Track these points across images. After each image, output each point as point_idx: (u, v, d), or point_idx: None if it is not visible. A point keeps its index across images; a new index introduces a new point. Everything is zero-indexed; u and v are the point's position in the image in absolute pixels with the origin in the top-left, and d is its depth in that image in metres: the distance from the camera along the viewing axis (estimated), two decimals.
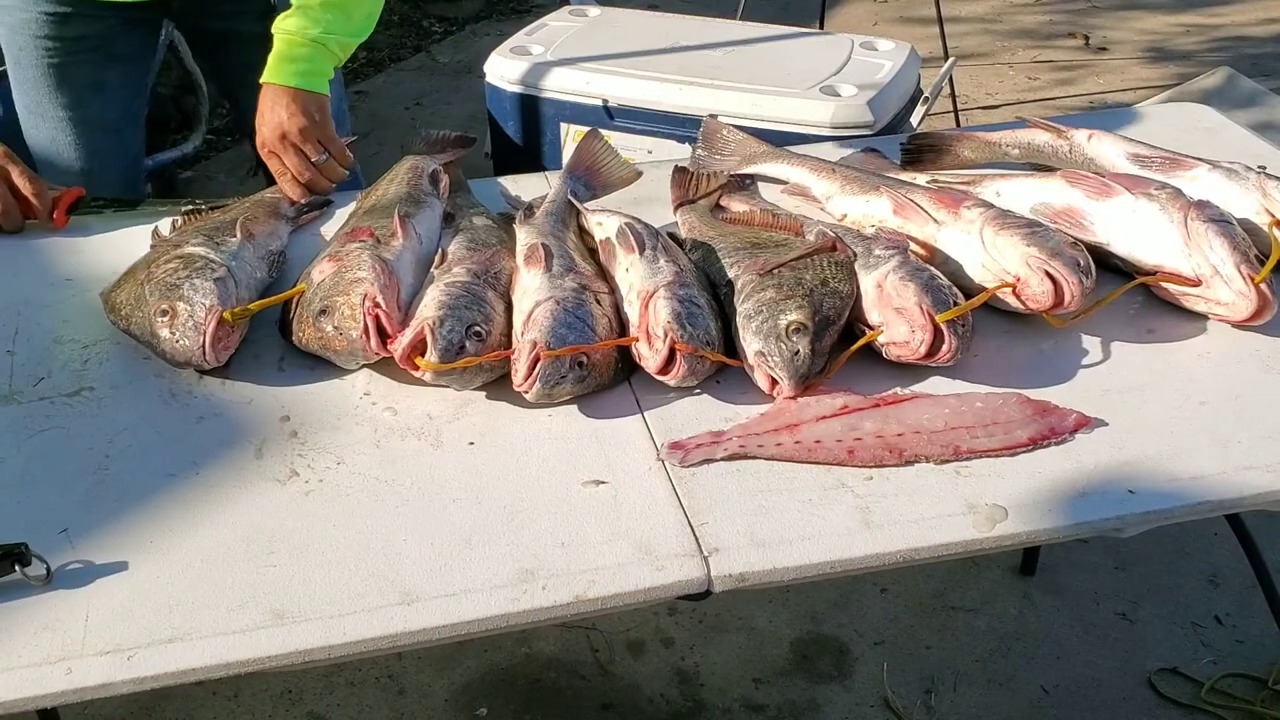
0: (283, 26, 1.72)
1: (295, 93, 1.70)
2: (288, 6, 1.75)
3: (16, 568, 1.08)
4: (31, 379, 1.38)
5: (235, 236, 1.49)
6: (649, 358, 1.30)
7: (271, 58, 1.72)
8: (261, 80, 1.73)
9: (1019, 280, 1.37)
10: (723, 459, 1.24)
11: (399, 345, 1.28)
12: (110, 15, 1.89)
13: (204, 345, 1.32)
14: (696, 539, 1.14)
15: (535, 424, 1.29)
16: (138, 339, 1.39)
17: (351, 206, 1.66)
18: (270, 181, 1.77)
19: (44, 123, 1.94)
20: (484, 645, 2.18)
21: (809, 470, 1.22)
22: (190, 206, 1.67)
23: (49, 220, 1.68)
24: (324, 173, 1.73)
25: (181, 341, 1.34)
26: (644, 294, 1.34)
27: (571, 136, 2.74)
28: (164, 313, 1.35)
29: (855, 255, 1.42)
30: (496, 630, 1.08)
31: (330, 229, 1.66)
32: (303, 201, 1.71)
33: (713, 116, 1.85)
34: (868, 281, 1.37)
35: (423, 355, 1.27)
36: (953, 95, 3.91)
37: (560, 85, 2.73)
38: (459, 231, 1.52)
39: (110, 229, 1.70)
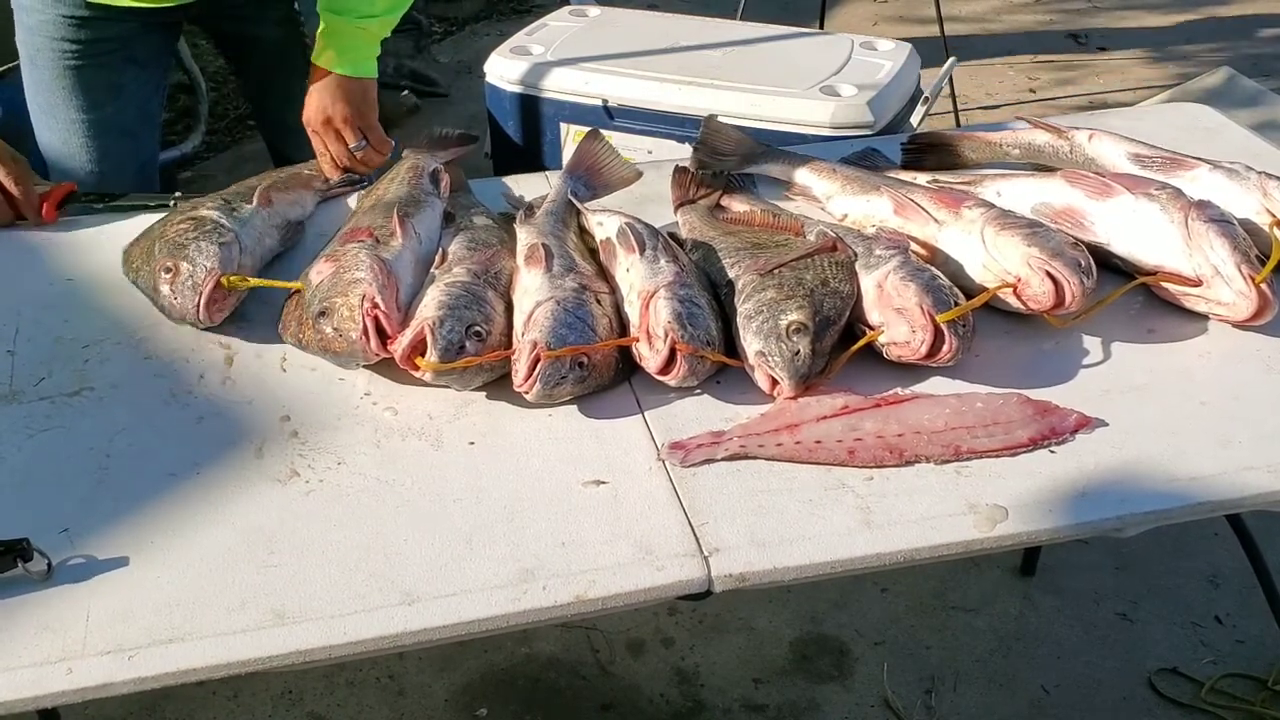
0: (327, 6, 1.72)
1: (341, 79, 1.74)
2: (311, 12, 1.76)
3: (19, 563, 1.08)
4: (32, 378, 1.38)
5: (251, 204, 1.55)
6: (649, 358, 1.30)
7: (318, 38, 1.74)
8: (312, 59, 1.76)
9: (1020, 280, 1.37)
10: (723, 459, 1.24)
11: (399, 346, 1.28)
12: (130, 19, 1.89)
13: (199, 305, 1.39)
14: (697, 539, 1.14)
15: (536, 424, 1.29)
16: (143, 292, 1.47)
17: (351, 206, 1.67)
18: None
19: (57, 124, 1.93)
20: (484, 645, 2.18)
21: (809, 470, 1.22)
22: (177, 200, 1.68)
23: (37, 216, 1.68)
24: (362, 159, 1.78)
25: (178, 299, 1.40)
26: (644, 294, 1.34)
27: (572, 136, 2.74)
28: (167, 270, 1.42)
29: (856, 255, 1.42)
30: (497, 630, 1.09)
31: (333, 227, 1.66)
32: (336, 179, 1.77)
33: (713, 116, 1.85)
34: (868, 282, 1.37)
35: (423, 355, 1.27)
36: (953, 95, 3.91)
37: (560, 85, 2.72)
38: (459, 231, 1.51)
39: (113, 227, 1.69)
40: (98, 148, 1.95)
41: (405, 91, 1.92)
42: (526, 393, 1.26)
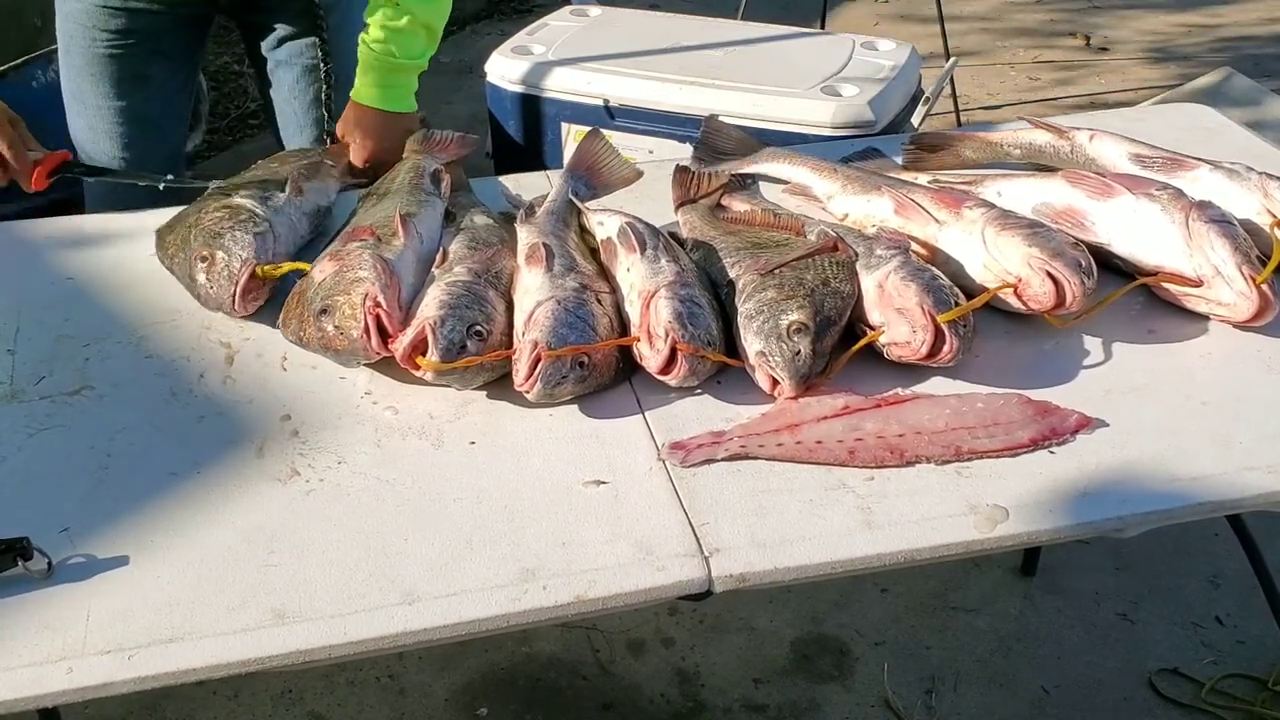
0: (375, 50, 1.77)
1: (396, 116, 1.79)
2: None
3: (19, 561, 1.08)
4: (33, 377, 1.38)
5: (284, 193, 1.57)
6: (650, 358, 1.30)
7: (367, 79, 1.79)
8: (355, 97, 1.80)
9: (1020, 281, 1.37)
10: (724, 459, 1.24)
11: (400, 345, 1.28)
12: (162, 11, 1.93)
13: (235, 295, 1.42)
14: (697, 539, 1.14)
15: (536, 424, 1.29)
16: (176, 278, 1.50)
17: (353, 205, 1.67)
18: None
19: (85, 110, 1.98)
20: (484, 645, 2.18)
21: (810, 470, 1.22)
22: (166, 183, 1.73)
23: (27, 183, 1.68)
24: None
25: (215, 289, 1.43)
26: (645, 294, 1.34)
27: (572, 136, 2.74)
28: (203, 259, 1.44)
29: (856, 255, 1.42)
30: (497, 630, 1.09)
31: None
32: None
33: (714, 116, 1.85)
34: (869, 282, 1.37)
35: (424, 355, 1.27)
36: (954, 95, 3.91)
37: (561, 85, 2.72)
38: (460, 231, 1.51)
39: (114, 226, 1.70)
40: (122, 135, 1.98)
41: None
42: (527, 392, 1.26)
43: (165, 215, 1.66)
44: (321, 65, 1.99)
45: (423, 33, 1.77)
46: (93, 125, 1.98)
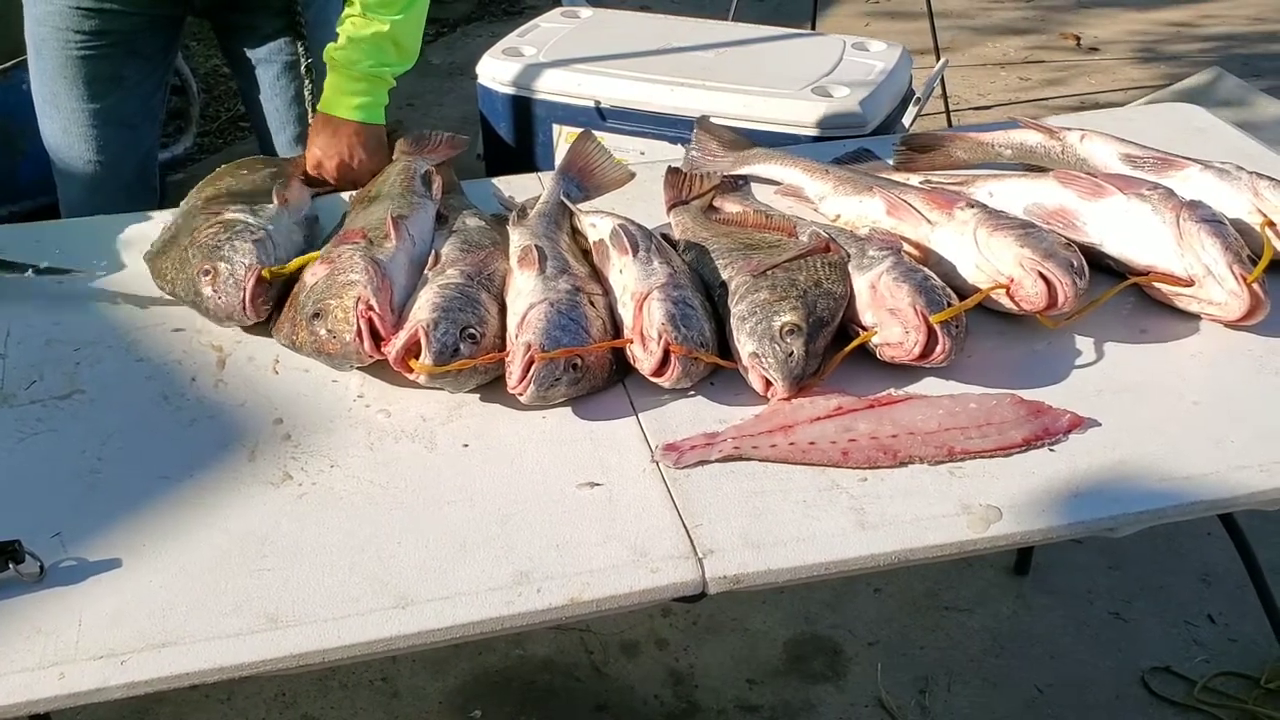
0: (336, 58, 1.75)
1: (358, 127, 1.77)
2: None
3: (10, 565, 1.08)
4: (24, 381, 1.37)
5: (272, 204, 1.56)
6: (643, 359, 1.30)
7: (330, 88, 1.78)
8: (320, 108, 1.79)
9: (1012, 281, 1.37)
10: (717, 460, 1.24)
11: (393, 348, 1.28)
12: (135, 13, 1.92)
13: (244, 301, 1.40)
14: (691, 541, 1.14)
15: (529, 426, 1.29)
16: (182, 300, 1.47)
17: (344, 208, 1.66)
18: None
19: (59, 114, 1.97)
20: (478, 648, 2.17)
21: (803, 471, 1.22)
22: (34, 270, 1.56)
23: None
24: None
25: (223, 298, 1.41)
26: (638, 296, 1.34)
27: (564, 138, 2.74)
28: (206, 272, 1.43)
29: (849, 256, 1.42)
30: (491, 633, 1.08)
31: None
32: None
33: (705, 117, 1.85)
34: (861, 282, 1.37)
35: (416, 358, 1.27)
36: (945, 96, 3.92)
37: (552, 86, 2.72)
38: (452, 233, 1.51)
39: (107, 229, 1.69)
40: (98, 138, 1.97)
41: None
42: (520, 395, 1.26)
43: (157, 214, 1.66)
44: (301, 61, 1.99)
45: (390, 46, 1.75)
46: (67, 129, 1.96)
